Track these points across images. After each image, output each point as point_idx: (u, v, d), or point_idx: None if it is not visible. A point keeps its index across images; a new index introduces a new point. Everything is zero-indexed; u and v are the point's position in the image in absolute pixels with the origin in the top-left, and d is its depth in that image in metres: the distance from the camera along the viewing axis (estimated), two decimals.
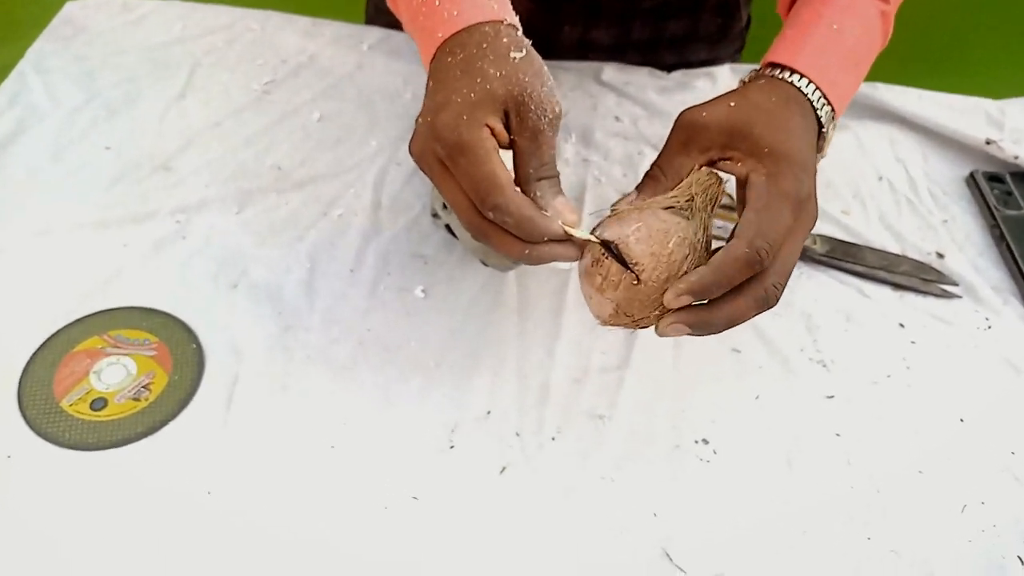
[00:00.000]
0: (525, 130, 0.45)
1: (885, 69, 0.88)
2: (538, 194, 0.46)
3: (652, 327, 0.46)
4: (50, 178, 0.70)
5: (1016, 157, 0.81)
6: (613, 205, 0.49)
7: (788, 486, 0.57)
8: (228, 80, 0.81)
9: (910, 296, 0.71)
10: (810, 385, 0.63)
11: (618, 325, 0.47)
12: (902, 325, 0.68)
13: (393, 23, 0.86)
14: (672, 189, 0.48)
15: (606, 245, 0.45)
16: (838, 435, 0.60)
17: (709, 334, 0.46)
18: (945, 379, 0.65)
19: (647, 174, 0.50)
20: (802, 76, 0.51)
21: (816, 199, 0.48)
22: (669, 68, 0.87)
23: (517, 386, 0.60)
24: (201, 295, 0.63)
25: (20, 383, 0.56)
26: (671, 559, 0.52)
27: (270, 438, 0.55)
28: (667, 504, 0.55)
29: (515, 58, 0.45)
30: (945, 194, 0.80)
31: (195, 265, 0.65)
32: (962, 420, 0.62)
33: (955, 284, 0.72)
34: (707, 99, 0.51)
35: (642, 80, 0.86)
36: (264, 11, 0.88)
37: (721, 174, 0.49)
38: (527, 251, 0.45)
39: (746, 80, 0.55)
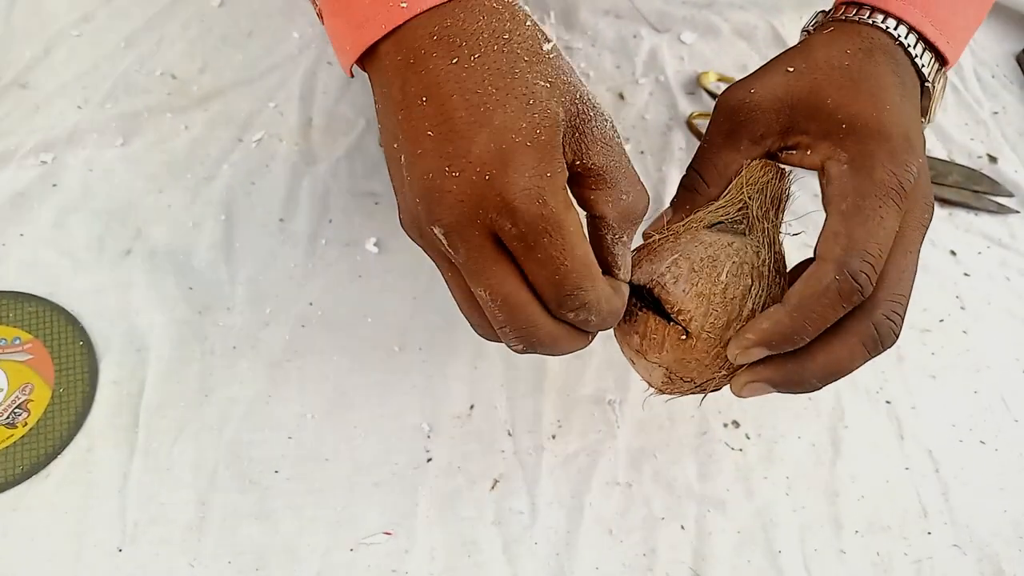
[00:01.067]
0: (595, 154, 0.30)
1: None
2: (618, 252, 0.32)
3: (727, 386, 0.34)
4: None
5: None
6: (645, 231, 0.36)
7: (836, 476, 0.48)
8: None
9: (960, 214, 0.59)
10: None
11: (680, 393, 0.34)
12: (954, 253, 0.57)
13: None
14: (718, 198, 0.34)
15: (637, 292, 0.32)
16: (888, 403, 0.50)
17: (804, 392, 0.33)
18: (1004, 318, 0.55)
19: (682, 183, 0.36)
20: (887, 15, 0.35)
21: (929, 180, 0.34)
22: None
23: (504, 368, 0.48)
24: (84, 269, 0.48)
25: None
26: None
27: (194, 467, 0.43)
28: (696, 513, 0.45)
29: (548, 52, 0.29)
30: (994, 78, 0.67)
31: (72, 226, 0.50)
32: None
33: (1010, 195, 0.60)
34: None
35: None
36: None
37: (787, 167, 0.35)
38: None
39: (810, 30, 0.39)
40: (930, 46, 0.36)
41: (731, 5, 0.65)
